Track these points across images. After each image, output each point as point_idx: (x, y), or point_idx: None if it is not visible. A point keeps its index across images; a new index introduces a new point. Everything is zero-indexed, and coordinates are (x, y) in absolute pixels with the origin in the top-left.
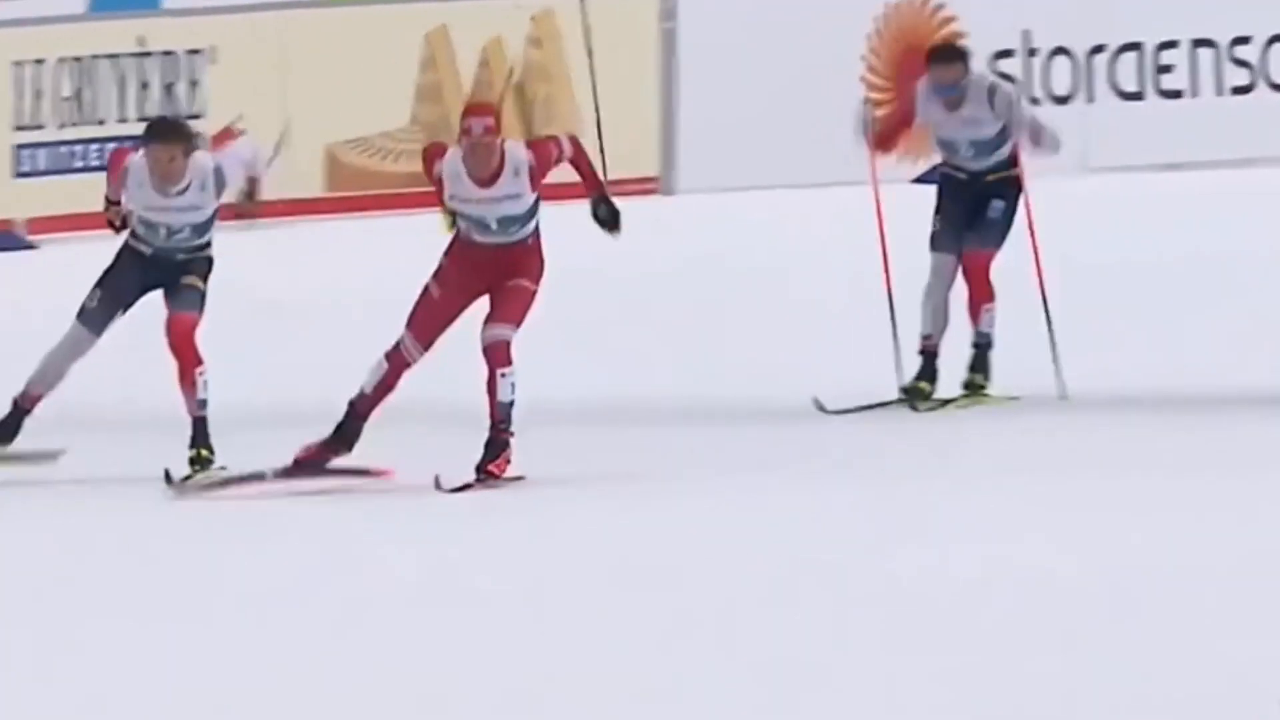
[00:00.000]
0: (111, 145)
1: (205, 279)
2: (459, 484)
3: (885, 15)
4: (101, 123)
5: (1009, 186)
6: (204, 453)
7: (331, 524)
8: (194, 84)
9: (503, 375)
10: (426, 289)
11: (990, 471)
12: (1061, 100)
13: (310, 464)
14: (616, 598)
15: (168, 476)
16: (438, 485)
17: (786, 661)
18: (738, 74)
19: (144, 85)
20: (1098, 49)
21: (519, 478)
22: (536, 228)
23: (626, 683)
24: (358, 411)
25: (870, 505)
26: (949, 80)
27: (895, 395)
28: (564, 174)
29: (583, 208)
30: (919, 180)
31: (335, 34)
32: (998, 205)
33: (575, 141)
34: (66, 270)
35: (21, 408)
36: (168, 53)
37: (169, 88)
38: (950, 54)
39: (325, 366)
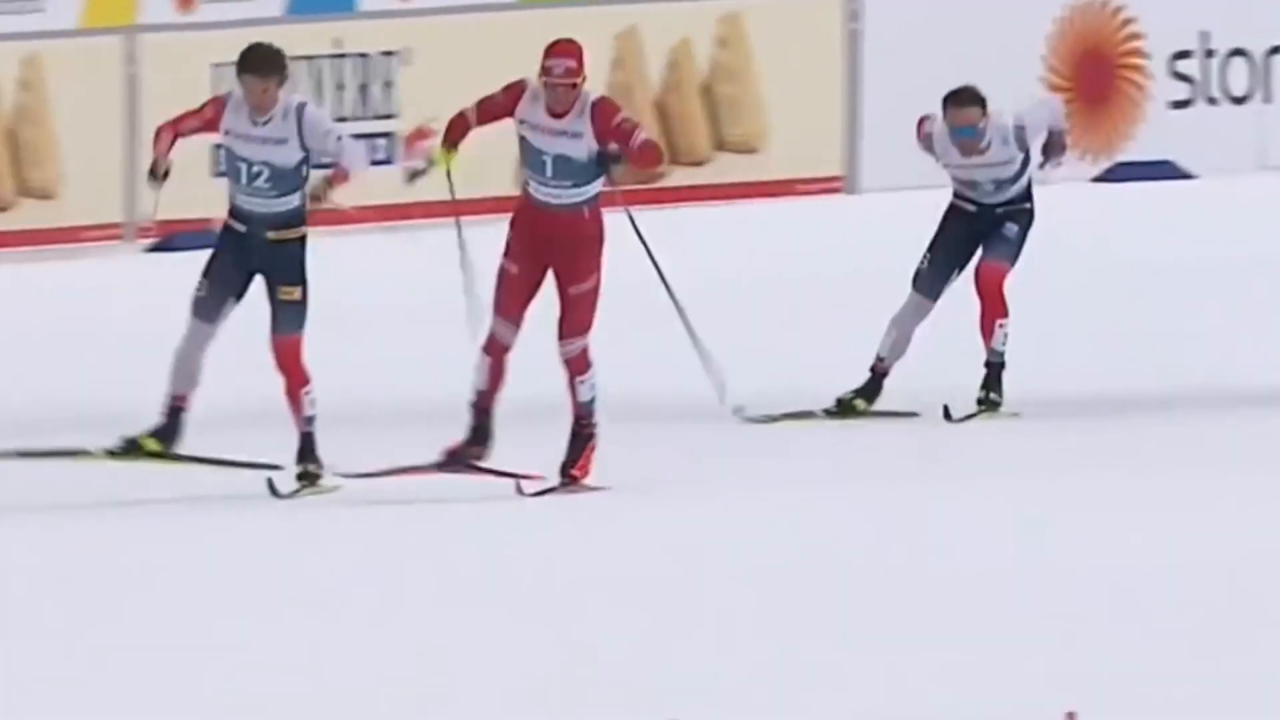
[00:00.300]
0: None
1: (301, 278)
2: (541, 488)
3: (1067, 17)
4: None
5: (1022, 215)
6: (311, 468)
7: (382, 526)
8: (388, 85)
9: (581, 381)
10: (503, 269)
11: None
12: (1239, 100)
13: (456, 458)
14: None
15: (272, 489)
16: (519, 490)
17: (796, 661)
18: (921, 75)
19: (339, 87)
20: (1275, 50)
21: (600, 488)
22: (595, 201)
23: (646, 681)
24: (480, 409)
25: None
26: (966, 123)
27: (830, 405)
28: (753, 171)
29: (780, 210)
30: (1100, 179)
31: (527, 35)
32: (1011, 227)
33: (650, 147)
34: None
35: (174, 409)
36: (363, 54)
37: (363, 89)
38: (967, 97)
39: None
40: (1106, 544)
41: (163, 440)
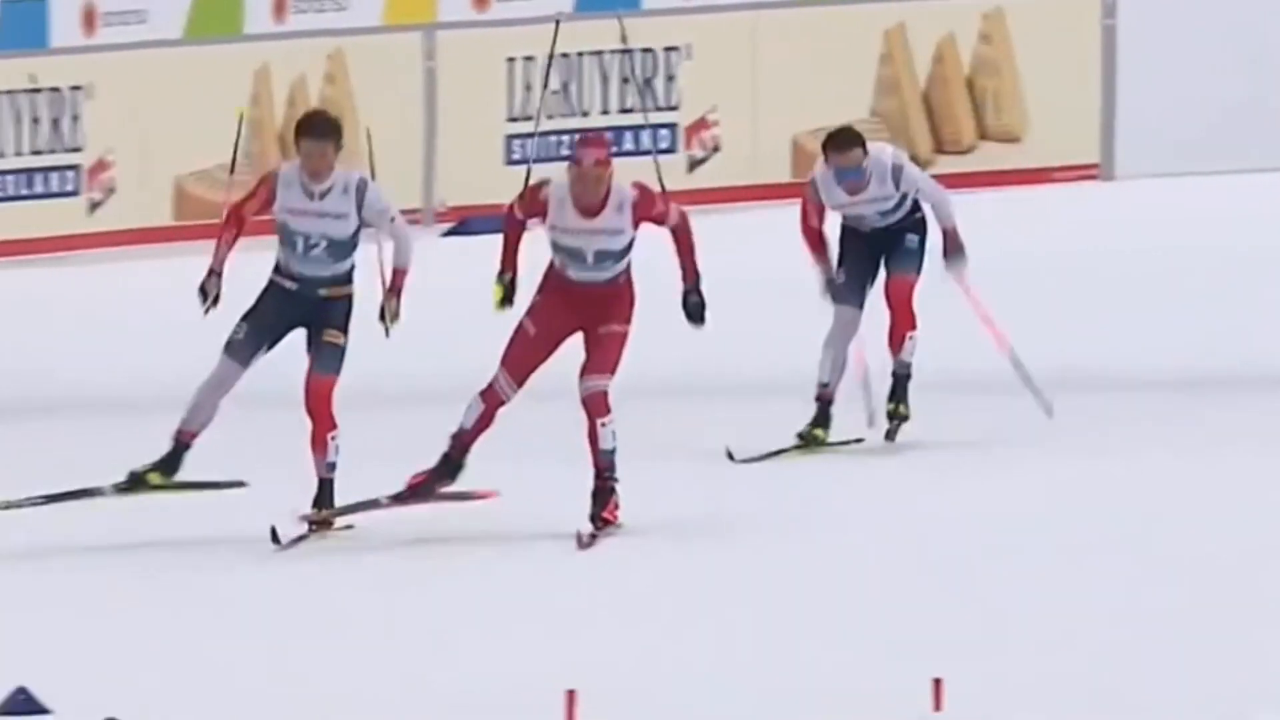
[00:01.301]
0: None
1: (346, 328)
2: (586, 538)
3: None
4: (585, 114)
5: (917, 225)
6: (324, 515)
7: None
8: (670, 79)
9: (603, 425)
10: (521, 326)
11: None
12: None
13: (420, 490)
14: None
15: (274, 536)
16: (580, 543)
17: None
18: (1176, 69)
19: (624, 80)
20: None
21: (617, 525)
22: (629, 267)
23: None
24: (459, 445)
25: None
26: (850, 165)
27: (793, 441)
28: (1015, 159)
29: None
30: None
31: (802, 31)
32: (912, 238)
33: (684, 217)
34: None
35: (180, 443)
36: (646, 49)
37: (648, 82)
38: (848, 139)
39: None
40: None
41: (165, 472)
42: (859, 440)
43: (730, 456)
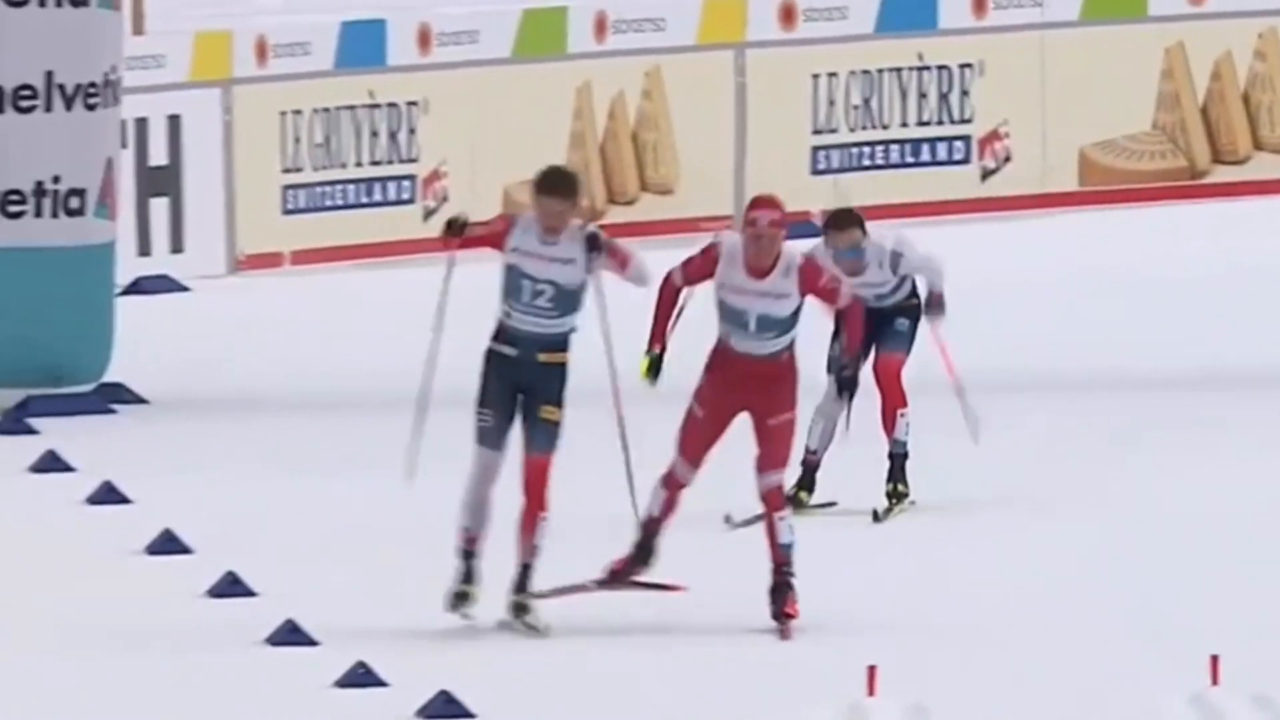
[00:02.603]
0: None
1: (562, 402)
2: (782, 633)
3: None
4: (886, 127)
5: (910, 311)
6: (527, 601)
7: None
8: (965, 94)
9: (780, 519)
10: (691, 411)
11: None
12: None
13: (619, 576)
14: None
15: (454, 605)
16: (781, 635)
17: None
18: None
19: (923, 95)
20: None
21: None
22: (792, 345)
23: None
24: (650, 532)
25: None
26: (848, 245)
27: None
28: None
29: None
30: None
31: (1087, 48)
32: (902, 321)
33: (856, 300)
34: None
35: (470, 554)
36: (942, 66)
37: (944, 97)
38: (846, 219)
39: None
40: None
41: (468, 581)
42: (832, 503)
43: (728, 520)
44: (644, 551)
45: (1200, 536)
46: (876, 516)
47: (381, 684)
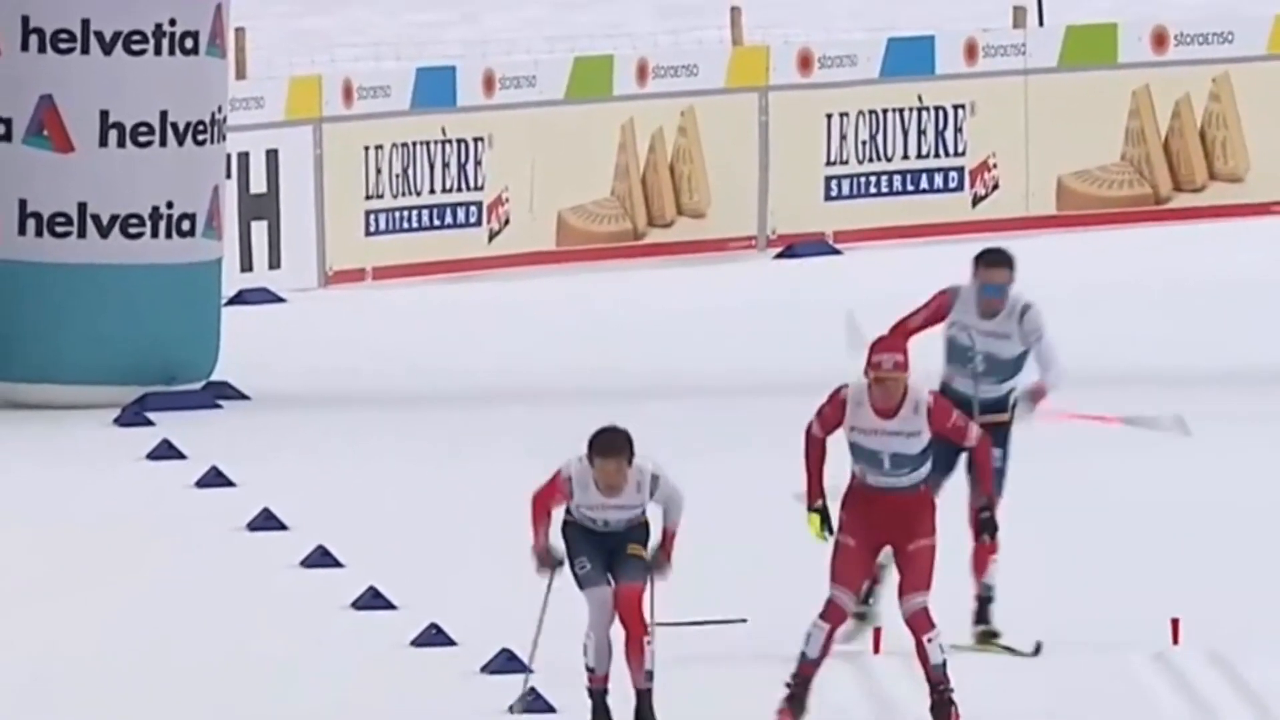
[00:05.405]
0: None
1: (646, 543)
2: None
3: None
4: (889, 159)
5: (1004, 432)
6: None
7: None
8: (958, 130)
9: (929, 640)
10: (840, 543)
11: None
12: None
13: None
14: None
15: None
16: None
17: None
18: None
19: (922, 131)
20: None
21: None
22: (927, 476)
23: None
24: (804, 676)
25: None
26: (997, 280)
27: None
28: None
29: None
30: None
31: (1065, 90)
32: (996, 453)
33: (983, 439)
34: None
35: (603, 692)
36: (938, 106)
37: (940, 133)
38: (999, 258)
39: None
40: None
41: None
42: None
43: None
44: (798, 702)
45: (1151, 523)
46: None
47: (451, 643)
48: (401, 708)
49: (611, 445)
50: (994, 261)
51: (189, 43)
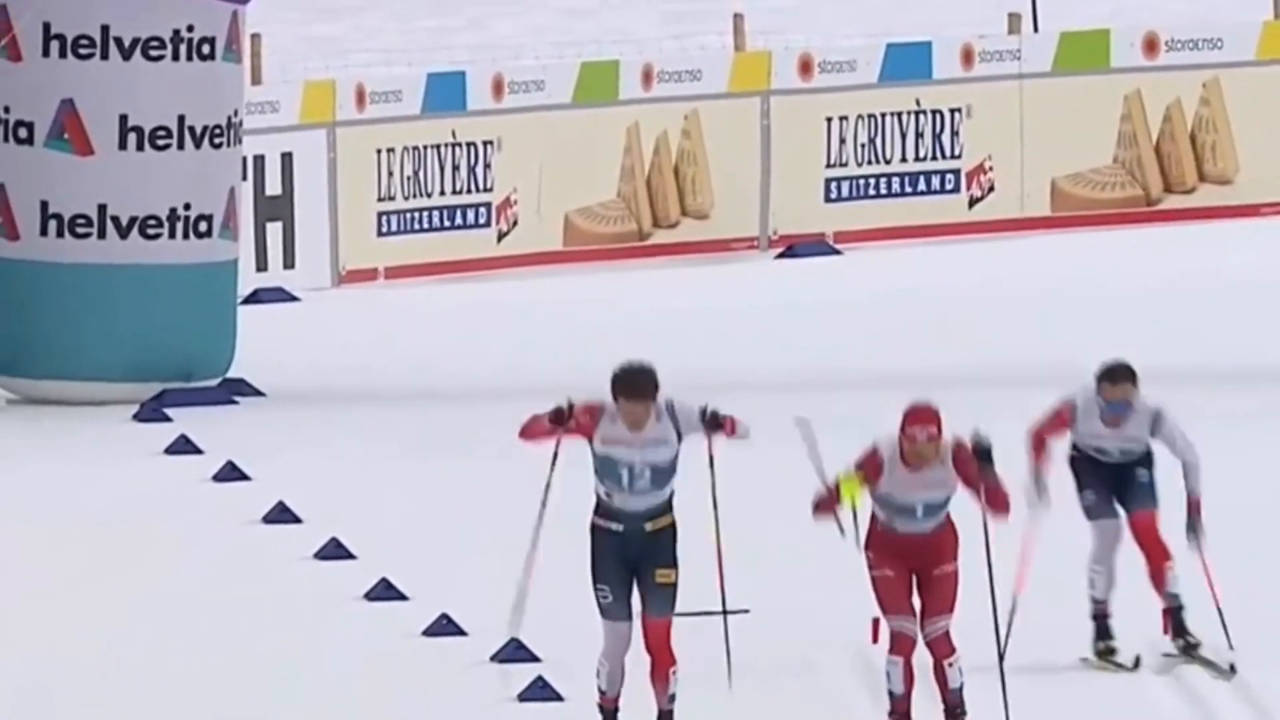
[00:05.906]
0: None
1: (676, 562)
2: None
3: None
4: (888, 161)
5: (1146, 460)
6: None
7: None
8: (955, 134)
9: (949, 664)
10: (878, 575)
11: None
12: None
13: None
14: None
15: None
16: None
17: None
18: None
19: (919, 135)
20: None
21: None
22: (949, 510)
23: None
24: (900, 712)
25: None
26: (1120, 398)
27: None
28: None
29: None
30: None
31: (1060, 95)
32: (1143, 472)
33: (1006, 494)
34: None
35: (614, 711)
36: (935, 110)
37: (937, 136)
38: (1123, 374)
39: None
40: None
41: None
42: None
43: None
44: None
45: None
46: (1138, 664)
47: (462, 633)
48: (413, 696)
49: (637, 388)
50: (1119, 378)
51: (206, 49)
